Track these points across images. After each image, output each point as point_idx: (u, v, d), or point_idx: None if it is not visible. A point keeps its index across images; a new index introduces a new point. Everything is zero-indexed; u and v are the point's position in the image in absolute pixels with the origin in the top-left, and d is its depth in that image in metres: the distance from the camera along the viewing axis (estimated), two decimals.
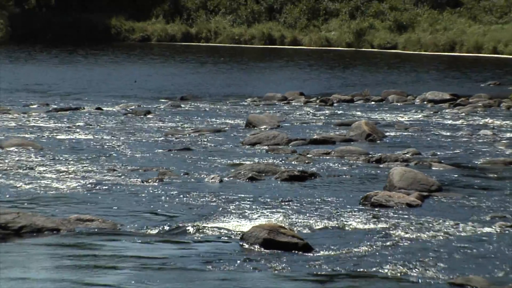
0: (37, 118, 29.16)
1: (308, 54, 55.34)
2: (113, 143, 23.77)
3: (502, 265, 12.76)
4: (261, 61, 51.95)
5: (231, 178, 18.89)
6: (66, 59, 51.98)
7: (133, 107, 31.84)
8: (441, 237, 14.22)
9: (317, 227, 14.79)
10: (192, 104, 33.32)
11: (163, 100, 33.93)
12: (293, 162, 20.81)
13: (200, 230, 14.56)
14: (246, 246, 13.51)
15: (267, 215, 15.43)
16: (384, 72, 44.29)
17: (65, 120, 28.70)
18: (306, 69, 46.97)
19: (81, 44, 58.17)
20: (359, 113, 30.87)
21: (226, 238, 14.15)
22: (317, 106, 32.98)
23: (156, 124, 27.62)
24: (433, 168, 20.02)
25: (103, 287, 11.75)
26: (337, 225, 14.96)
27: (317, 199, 16.81)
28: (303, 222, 15.10)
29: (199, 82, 40.93)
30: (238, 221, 15.03)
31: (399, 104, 33.36)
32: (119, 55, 53.80)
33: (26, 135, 24.80)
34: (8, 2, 71.58)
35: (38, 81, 40.60)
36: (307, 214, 15.65)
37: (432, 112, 31.02)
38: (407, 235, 14.26)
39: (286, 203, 16.49)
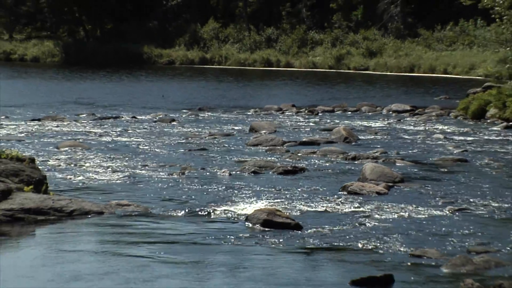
0: (85, 125, 29.20)
1: (298, 74, 55.29)
2: (145, 144, 23.80)
3: (451, 240, 12.79)
4: (261, 80, 51.91)
5: (238, 172, 18.93)
6: (108, 78, 52.00)
7: (161, 116, 31.85)
8: (403, 218, 14.26)
9: (306, 210, 14.84)
10: (207, 113, 33.34)
11: (184, 110, 33.95)
12: (286, 159, 20.84)
13: (213, 213, 14.62)
14: (250, 225, 13.56)
15: (266, 201, 15.47)
16: (358, 88, 44.24)
17: (107, 126, 28.74)
18: (297, 86, 46.95)
19: (120, 67, 58.10)
20: (338, 120, 30.90)
21: (234, 219, 14.20)
22: (305, 115, 32.98)
23: (179, 130, 27.66)
24: (396, 164, 20.07)
25: (137, 258, 11.76)
26: (321, 209, 15.00)
27: (306, 188, 16.86)
28: (295, 206, 15.15)
29: (213, 96, 40.92)
30: (243, 206, 15.08)
31: (370, 113, 33.39)
32: (149, 75, 53.77)
33: (77, 138, 24.82)
34: (63, 34, 71.58)
35: (86, 96, 40.63)
36: (298, 200, 15.70)
37: (396, 120, 31.03)
38: (376, 217, 14.31)
39: (281, 191, 16.55)
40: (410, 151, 22.43)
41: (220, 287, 10.61)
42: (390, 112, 33.22)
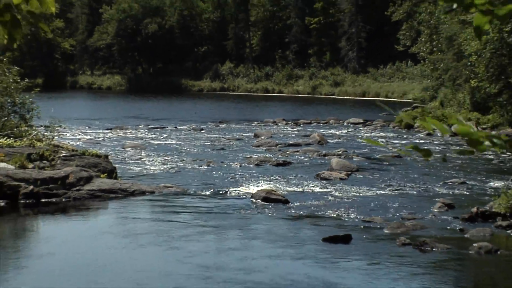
0: (142, 132, 29.21)
1: (286, 98, 55.28)
2: (182, 145, 23.80)
3: (390, 211, 12.79)
4: (261, 102, 51.84)
5: (246, 164, 18.92)
6: (157, 101, 52.01)
7: (193, 126, 31.83)
8: (358, 196, 14.26)
9: (292, 190, 14.83)
10: (225, 124, 33.32)
11: (209, 123, 33.92)
12: (279, 156, 20.80)
13: (229, 192, 14.62)
14: (253, 200, 13.57)
15: (265, 184, 15.47)
16: (327, 108, 44.18)
17: (157, 133, 28.76)
18: (286, 107, 46.89)
19: (165, 94, 58.15)
20: (314, 129, 30.83)
21: (243, 196, 14.20)
22: (291, 126, 32.94)
23: (206, 135, 27.66)
24: (353, 159, 20.04)
25: (177, 222, 11.79)
26: (302, 190, 15.00)
27: (292, 175, 16.85)
28: (284, 188, 15.15)
29: (229, 113, 40.90)
30: (249, 187, 15.08)
31: (335, 125, 33.33)
32: (186, 99, 53.70)
33: (136, 141, 24.85)
34: (127, 71, 71.76)
35: (143, 113, 40.67)
36: (286, 184, 15.70)
37: (352, 129, 30.99)
38: (339, 195, 14.30)
39: (275, 178, 16.53)
40: (362, 150, 22.44)
41: (234, 241, 10.66)
42: (349, 124, 33.19)
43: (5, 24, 2.44)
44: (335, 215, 12.33)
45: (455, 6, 1.67)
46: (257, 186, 15.13)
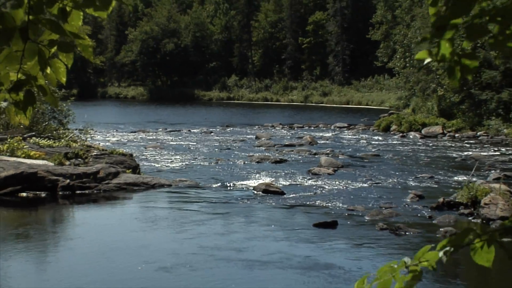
0: (160, 134, 29.19)
1: (283, 106, 55.20)
2: (195, 146, 23.78)
3: (371, 201, 12.76)
4: (262, 109, 51.79)
5: (248, 162, 18.89)
6: (174, 108, 51.97)
7: (204, 129, 31.80)
8: (343, 188, 14.22)
9: (287, 183, 14.80)
10: (231, 128, 33.27)
11: (218, 126, 33.90)
12: (276, 154, 20.76)
13: (234, 185, 14.58)
14: (255, 192, 13.54)
15: (265, 178, 15.44)
16: (317, 114, 44.12)
17: (173, 135, 28.73)
18: (282, 113, 46.83)
19: (181, 102, 58.11)
20: (306, 132, 30.77)
21: (246, 188, 14.17)
22: (287, 129, 32.90)
23: (215, 137, 27.63)
24: (339, 157, 19.99)
25: (190, 210, 11.75)
26: (296, 183, 14.96)
27: (287, 171, 16.82)
28: (281, 181, 15.12)
29: (234, 119, 40.85)
30: (251, 181, 15.06)
31: (324, 128, 33.25)
32: (198, 107, 53.64)
33: (156, 142, 24.84)
34: (148, 82, 71.74)
35: (161, 118, 40.61)
36: (282, 178, 15.67)
37: (338, 132, 30.93)
38: (328, 187, 14.26)
39: (273, 173, 16.50)
40: (347, 150, 22.40)
41: (238, 225, 10.64)
42: (335, 127, 33.14)
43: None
44: (323, 204, 12.31)
45: (427, 61, 1.66)
46: (258, 180, 15.12)
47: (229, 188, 14.29)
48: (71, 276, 7.82)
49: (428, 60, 1.61)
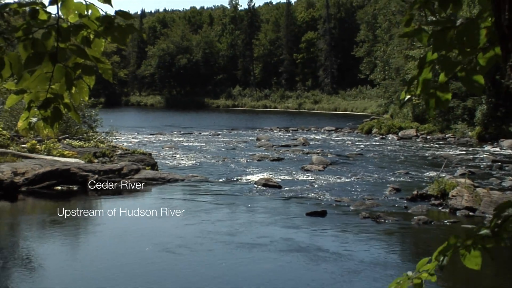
0: (175, 136, 29.16)
1: (280, 113, 55.14)
2: (205, 146, 23.75)
3: (355, 193, 12.74)
4: (262, 115, 51.74)
5: (250, 160, 18.86)
6: (187, 114, 51.92)
7: (212, 132, 31.77)
8: (331, 183, 14.19)
9: (284, 179, 14.77)
10: (235, 131, 33.23)
11: (224, 129, 33.85)
12: (274, 154, 20.73)
13: (238, 180, 14.55)
14: (256, 186, 13.51)
15: (265, 174, 15.41)
16: (309, 119, 44.08)
17: (186, 137, 28.71)
18: (279, 118, 46.77)
19: (192, 109, 58.03)
20: (300, 135, 30.74)
21: (248, 183, 14.15)
22: (284, 132, 32.86)
23: (221, 139, 27.60)
24: (328, 156, 19.97)
25: (200, 202, 11.73)
26: (291, 178, 14.93)
27: (284, 168, 16.80)
28: (279, 176, 15.09)
29: (238, 123, 40.80)
30: (253, 176, 15.03)
31: (315, 131, 33.19)
32: (207, 113, 53.60)
33: (171, 143, 24.81)
34: (165, 92, 71.67)
35: (176, 122, 40.60)
36: (280, 174, 15.64)
37: (327, 134, 30.89)
38: (319, 182, 14.24)
39: (272, 169, 16.47)
40: (334, 149, 22.37)
41: (241, 214, 10.62)
42: (325, 130, 33.10)
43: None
44: (315, 196, 12.29)
45: (407, 98, 1.69)
46: (258, 175, 15.12)
47: (233, 182, 14.28)
48: (97, 256, 7.84)
49: (408, 97, 1.64)
